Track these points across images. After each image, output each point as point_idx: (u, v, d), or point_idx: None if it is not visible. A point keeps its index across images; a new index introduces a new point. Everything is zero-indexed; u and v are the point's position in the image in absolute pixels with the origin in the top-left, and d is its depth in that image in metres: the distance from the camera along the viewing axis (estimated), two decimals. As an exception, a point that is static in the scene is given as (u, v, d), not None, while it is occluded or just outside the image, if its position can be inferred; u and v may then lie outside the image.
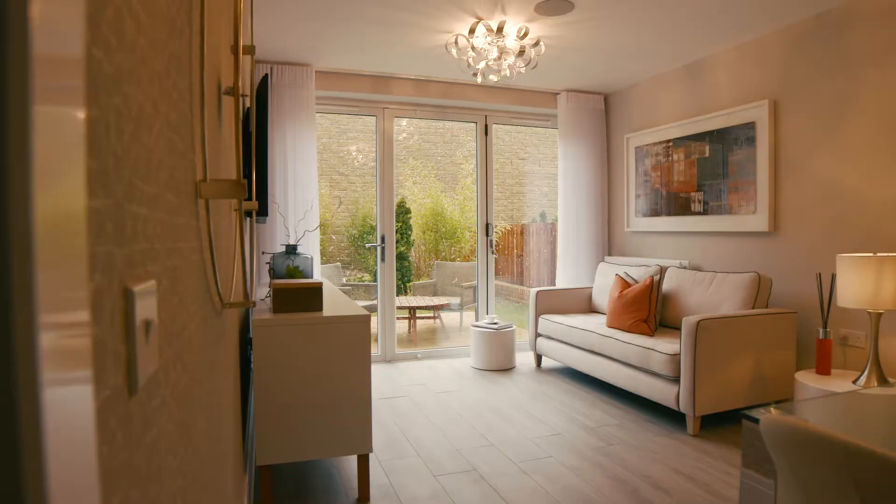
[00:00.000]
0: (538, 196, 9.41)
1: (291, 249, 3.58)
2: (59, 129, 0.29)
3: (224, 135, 1.67)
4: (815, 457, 0.87)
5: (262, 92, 2.24)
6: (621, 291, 4.06)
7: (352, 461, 2.92)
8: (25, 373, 0.25)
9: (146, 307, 0.54)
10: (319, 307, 2.40)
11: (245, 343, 3.07)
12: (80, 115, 0.33)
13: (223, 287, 1.35)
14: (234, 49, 0.92)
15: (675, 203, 4.60)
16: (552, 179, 9.16)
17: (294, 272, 2.99)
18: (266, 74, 2.30)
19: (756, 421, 1.18)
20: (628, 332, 3.85)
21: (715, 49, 4.15)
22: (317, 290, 2.38)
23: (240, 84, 1.34)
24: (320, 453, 2.37)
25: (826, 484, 0.89)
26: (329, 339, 2.31)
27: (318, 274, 4.49)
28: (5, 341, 0.25)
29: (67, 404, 0.30)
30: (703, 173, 4.31)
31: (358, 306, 2.61)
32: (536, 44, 3.77)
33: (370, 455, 2.77)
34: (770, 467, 1.19)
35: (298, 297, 2.34)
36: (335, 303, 2.71)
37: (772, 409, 1.23)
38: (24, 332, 0.25)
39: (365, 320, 2.36)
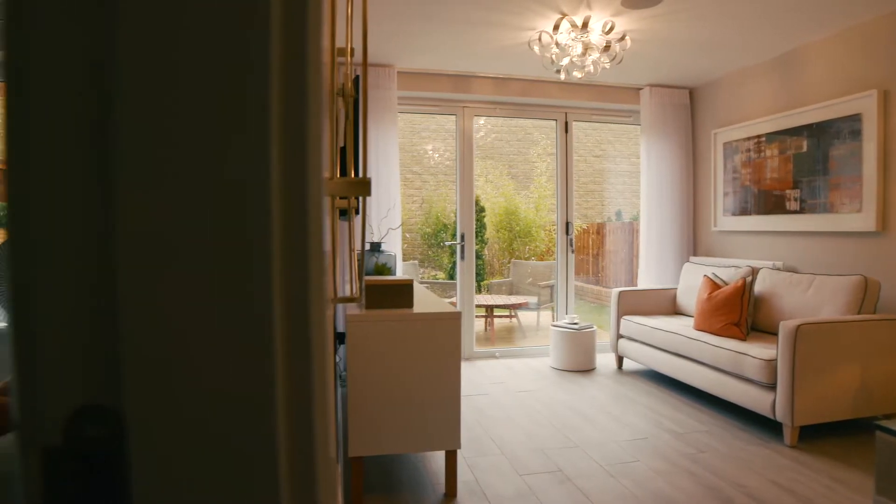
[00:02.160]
0: (614, 194, 9.19)
1: (376, 247, 3.66)
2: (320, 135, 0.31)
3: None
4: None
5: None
6: (710, 293, 3.90)
7: (437, 456, 2.95)
8: (319, 365, 0.27)
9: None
10: (410, 304, 2.44)
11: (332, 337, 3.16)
12: (325, 119, 0.35)
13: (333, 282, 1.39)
14: (364, 52, 0.95)
15: (767, 201, 4.38)
16: (628, 177, 8.92)
17: (382, 269, 3.06)
18: (357, 76, 2.36)
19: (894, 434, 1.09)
20: (718, 335, 3.69)
21: (812, 37, 3.92)
22: (408, 287, 2.42)
23: (349, 86, 1.38)
24: (410, 447, 2.41)
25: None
26: (420, 336, 2.35)
27: (399, 271, 4.57)
28: (305, 338, 0.26)
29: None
30: (799, 169, 4.08)
31: (447, 304, 2.63)
32: (622, 38, 3.68)
33: (455, 451, 2.79)
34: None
35: (390, 293, 2.39)
36: (424, 300, 2.75)
37: (910, 421, 1.14)
38: (318, 324, 0.27)
39: (455, 318, 2.39)
